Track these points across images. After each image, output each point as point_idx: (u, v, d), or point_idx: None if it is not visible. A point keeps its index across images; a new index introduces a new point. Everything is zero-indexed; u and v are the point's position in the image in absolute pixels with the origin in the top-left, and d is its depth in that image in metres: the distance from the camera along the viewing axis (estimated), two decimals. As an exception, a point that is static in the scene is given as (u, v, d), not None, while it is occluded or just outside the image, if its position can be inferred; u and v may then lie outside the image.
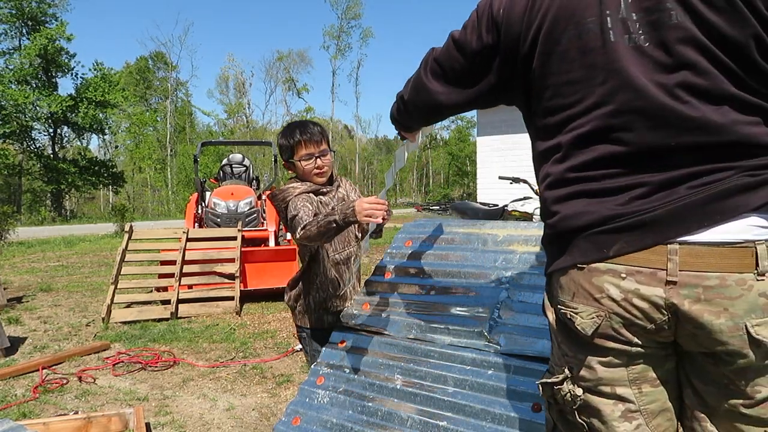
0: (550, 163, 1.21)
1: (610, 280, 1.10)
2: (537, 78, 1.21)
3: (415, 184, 62.27)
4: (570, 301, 1.16)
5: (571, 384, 1.20)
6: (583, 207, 1.13)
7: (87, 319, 5.63)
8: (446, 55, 1.37)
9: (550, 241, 1.23)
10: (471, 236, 2.27)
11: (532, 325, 1.83)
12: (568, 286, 1.17)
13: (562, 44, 1.14)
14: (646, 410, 1.16)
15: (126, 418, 3.04)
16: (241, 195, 7.59)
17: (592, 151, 1.13)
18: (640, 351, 1.14)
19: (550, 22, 1.15)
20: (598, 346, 1.14)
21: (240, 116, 51.89)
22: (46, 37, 31.15)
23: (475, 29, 1.29)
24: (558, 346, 1.24)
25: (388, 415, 1.87)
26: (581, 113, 1.14)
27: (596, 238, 1.11)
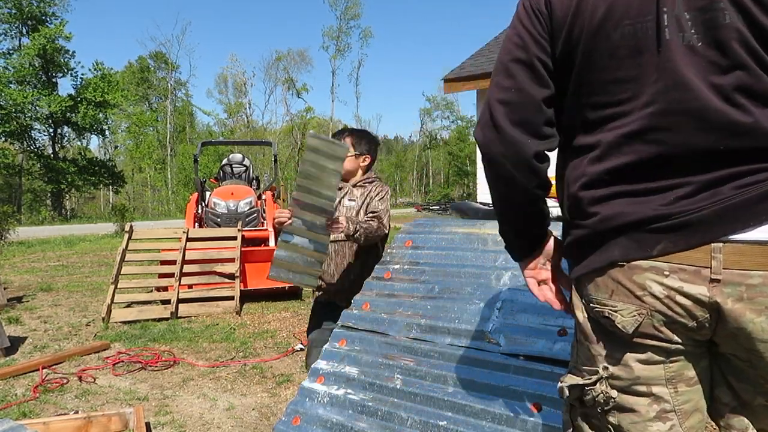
0: (587, 162, 1.17)
1: (652, 278, 1.10)
2: (576, 73, 1.16)
3: (415, 184, 62.27)
4: (608, 299, 1.14)
5: (604, 384, 1.18)
6: (625, 207, 1.12)
7: (87, 319, 5.63)
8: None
9: (583, 241, 1.20)
10: (471, 236, 2.27)
11: (532, 325, 1.83)
12: (605, 285, 1.15)
13: (612, 40, 1.10)
14: (681, 410, 1.16)
15: (126, 418, 3.05)
16: (241, 195, 7.59)
17: (636, 152, 1.11)
18: (679, 348, 1.13)
19: (601, 16, 1.11)
20: (637, 344, 1.13)
21: (240, 116, 51.91)
22: (45, 37, 31.15)
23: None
24: (588, 346, 1.22)
25: (388, 415, 1.87)
26: (627, 112, 1.11)
27: (639, 237, 1.11)
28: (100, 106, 34.19)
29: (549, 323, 1.81)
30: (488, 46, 9.59)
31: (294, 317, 5.64)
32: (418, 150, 61.75)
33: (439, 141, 57.89)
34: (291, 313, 5.81)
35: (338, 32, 50.06)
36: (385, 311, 2.19)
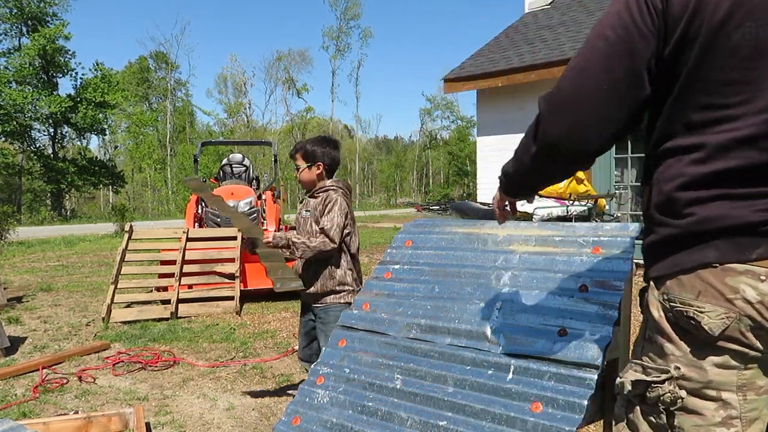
0: (687, 163, 1.15)
1: (747, 282, 1.09)
2: (687, 71, 1.12)
3: (415, 184, 62.25)
4: (693, 300, 1.13)
5: (673, 384, 1.17)
6: (728, 210, 1.11)
7: (87, 319, 5.63)
8: None
9: (672, 241, 1.18)
10: (471, 236, 2.27)
11: (532, 325, 1.83)
12: (692, 285, 1.14)
13: (732, 40, 1.06)
14: (746, 418, 1.16)
15: (126, 418, 3.05)
16: (241, 195, 7.59)
17: (746, 157, 1.08)
18: (756, 356, 1.13)
19: (723, 14, 1.06)
20: (718, 347, 1.13)
21: (240, 116, 51.91)
22: (45, 37, 31.14)
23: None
24: (661, 344, 1.21)
25: (388, 415, 1.87)
26: (739, 116, 1.08)
27: (738, 240, 1.10)
28: (100, 107, 34.19)
29: (549, 323, 1.81)
30: (488, 46, 9.60)
31: (294, 317, 5.64)
32: (418, 150, 61.75)
33: (439, 141, 57.87)
34: (291, 313, 5.81)
35: (338, 32, 50.07)
36: (385, 311, 2.19)
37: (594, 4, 9.38)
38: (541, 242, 2.07)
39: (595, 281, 1.84)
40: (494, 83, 8.41)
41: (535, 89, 8.32)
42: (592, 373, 1.63)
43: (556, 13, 9.83)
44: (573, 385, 1.64)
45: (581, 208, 4.74)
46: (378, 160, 65.43)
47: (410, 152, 63.93)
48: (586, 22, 8.68)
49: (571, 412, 1.58)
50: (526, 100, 8.47)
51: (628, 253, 1.86)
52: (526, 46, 8.73)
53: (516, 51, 8.73)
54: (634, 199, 7.73)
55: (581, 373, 1.64)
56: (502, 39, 9.66)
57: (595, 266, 1.88)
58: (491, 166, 8.87)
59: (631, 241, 1.89)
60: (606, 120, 1.19)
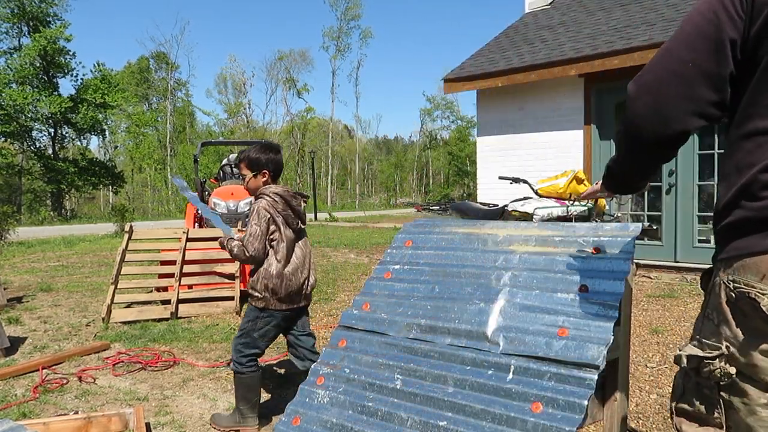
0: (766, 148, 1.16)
1: None
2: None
3: (415, 184, 62.25)
4: (758, 282, 1.16)
5: (724, 362, 1.23)
6: None
7: (87, 319, 5.63)
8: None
9: (745, 223, 1.20)
10: (471, 236, 2.27)
11: (532, 325, 1.83)
12: (757, 268, 1.16)
13: None
14: None
15: (126, 418, 3.04)
16: (241, 195, 7.58)
17: None
18: None
19: None
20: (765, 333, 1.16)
21: (240, 116, 51.90)
22: (46, 38, 31.14)
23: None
24: (717, 323, 1.26)
25: (388, 415, 1.87)
26: None
27: None
28: (100, 107, 34.20)
29: (549, 323, 1.81)
30: (488, 46, 9.60)
31: (294, 317, 5.64)
32: (418, 150, 61.74)
33: (439, 141, 57.86)
34: (291, 313, 5.81)
35: (338, 32, 50.07)
36: (385, 311, 2.19)
37: (594, 4, 9.38)
38: (541, 242, 2.07)
39: (595, 281, 1.84)
40: (494, 83, 8.41)
41: (535, 89, 8.33)
42: (592, 373, 1.63)
43: (556, 13, 9.83)
44: (573, 385, 1.64)
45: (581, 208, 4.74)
46: (378, 160, 65.42)
47: (410, 152, 63.92)
48: (586, 22, 8.68)
49: (571, 412, 1.58)
50: (526, 100, 8.47)
51: (628, 253, 1.86)
52: (526, 46, 8.73)
53: (516, 51, 8.73)
54: (634, 199, 7.73)
55: (581, 373, 1.64)
56: (502, 39, 9.66)
57: (595, 266, 1.88)
58: (491, 166, 8.87)
59: (631, 241, 1.89)
60: (688, 98, 1.20)
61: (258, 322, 3.09)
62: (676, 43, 1.23)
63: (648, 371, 3.78)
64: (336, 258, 10.09)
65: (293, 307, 3.17)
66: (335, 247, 11.88)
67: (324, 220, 23.14)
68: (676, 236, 7.11)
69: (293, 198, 3.14)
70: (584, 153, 7.86)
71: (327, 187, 52.81)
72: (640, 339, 4.47)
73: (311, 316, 5.65)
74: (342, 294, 6.75)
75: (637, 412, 3.14)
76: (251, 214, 3.03)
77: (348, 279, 7.78)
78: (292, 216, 3.11)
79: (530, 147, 8.47)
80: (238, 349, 3.09)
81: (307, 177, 48.17)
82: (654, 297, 5.93)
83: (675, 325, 4.82)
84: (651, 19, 7.67)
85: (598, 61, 7.29)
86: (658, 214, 7.32)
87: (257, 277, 3.07)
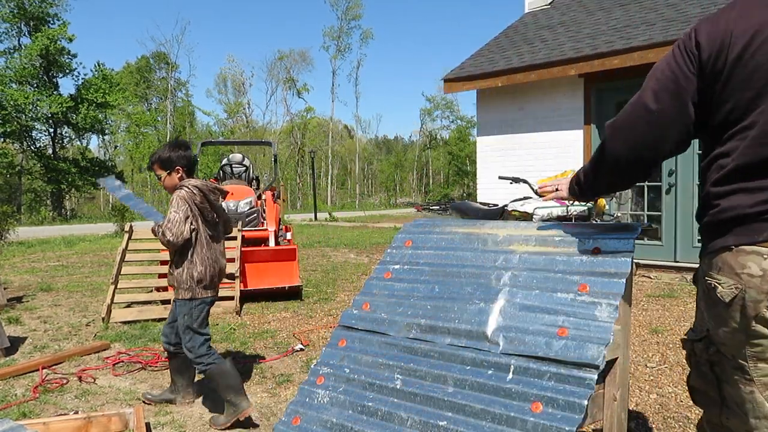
0: (719, 165, 1.44)
1: (753, 260, 1.37)
2: (718, 95, 1.41)
3: (415, 184, 62.26)
4: (716, 273, 1.43)
5: (707, 342, 1.51)
6: (740, 201, 1.39)
7: (87, 319, 5.63)
8: None
9: (708, 228, 1.49)
10: (471, 236, 2.27)
11: (532, 325, 1.83)
12: (717, 263, 1.44)
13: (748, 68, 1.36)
14: (761, 381, 1.42)
15: (126, 418, 3.05)
16: (241, 195, 7.58)
17: (753, 154, 1.36)
18: (762, 332, 1.38)
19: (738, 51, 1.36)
20: (730, 315, 1.41)
21: (240, 116, 51.91)
22: (47, 38, 31.13)
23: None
24: (702, 310, 1.54)
25: (388, 415, 1.87)
26: (754, 123, 1.36)
27: (750, 227, 1.37)
28: (101, 107, 34.19)
29: (549, 323, 1.81)
30: (488, 46, 9.60)
31: (294, 317, 5.64)
32: (418, 150, 61.74)
33: (439, 141, 57.87)
34: (291, 313, 5.81)
35: (339, 32, 50.08)
36: (385, 311, 2.19)
37: (594, 4, 9.38)
38: (541, 242, 2.07)
39: (595, 281, 1.84)
40: (494, 83, 8.41)
41: (535, 89, 8.33)
42: (592, 373, 1.63)
43: (556, 13, 9.83)
44: (573, 385, 1.64)
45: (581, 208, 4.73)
46: (378, 160, 65.43)
47: (410, 152, 63.93)
48: (586, 22, 8.68)
49: (571, 412, 1.59)
50: (526, 100, 8.47)
51: (628, 254, 1.86)
52: (525, 46, 8.73)
53: (516, 51, 8.73)
54: (634, 199, 7.73)
55: (581, 373, 1.65)
56: (501, 39, 9.66)
57: (595, 266, 1.88)
58: (491, 166, 8.87)
59: (631, 241, 1.89)
60: (657, 139, 1.50)
61: (193, 313, 3.22)
62: (642, 96, 1.51)
63: (648, 371, 3.79)
64: (336, 258, 10.10)
65: (215, 293, 3.34)
66: (335, 247, 11.88)
67: (324, 220, 23.14)
68: (675, 236, 7.12)
69: (211, 192, 3.28)
70: (584, 153, 7.86)
71: (327, 187, 52.81)
72: (640, 339, 4.47)
73: (311, 316, 5.65)
74: (342, 294, 6.75)
75: (637, 412, 3.14)
76: (170, 204, 3.16)
77: (348, 279, 7.78)
78: (208, 209, 3.26)
79: (530, 147, 8.47)
80: (189, 347, 3.20)
81: (307, 177, 48.18)
82: (654, 297, 5.93)
83: (675, 325, 4.82)
84: (651, 19, 7.67)
85: (598, 61, 7.29)
86: (658, 214, 7.32)
87: (181, 270, 3.19)
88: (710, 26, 1.43)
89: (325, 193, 51.29)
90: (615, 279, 1.81)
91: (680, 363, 3.87)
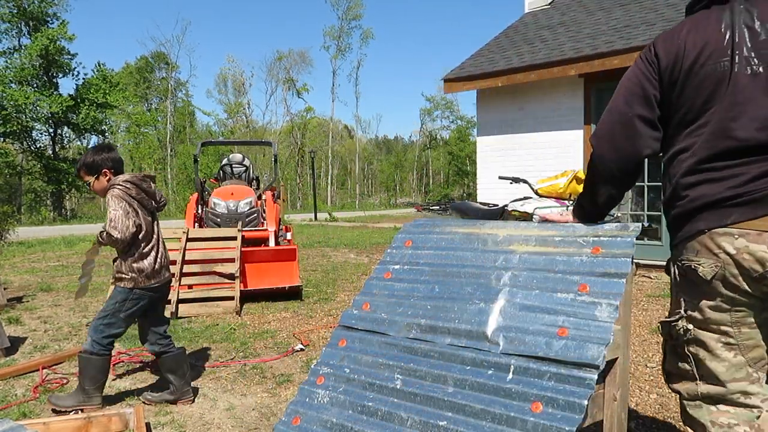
0: (682, 160, 1.63)
1: (726, 240, 1.54)
2: (676, 98, 1.64)
3: (415, 184, 62.27)
4: (694, 256, 1.60)
5: (684, 321, 1.66)
6: (707, 190, 1.57)
7: (87, 319, 5.63)
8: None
9: (678, 217, 1.66)
10: (471, 236, 2.27)
11: (532, 325, 1.83)
12: (693, 247, 1.61)
13: (700, 76, 1.58)
14: (744, 344, 1.60)
15: (126, 418, 3.05)
16: (241, 195, 7.58)
17: (714, 147, 1.55)
18: (743, 300, 1.56)
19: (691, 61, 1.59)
20: (713, 290, 1.58)
21: (240, 116, 51.91)
22: (47, 38, 31.12)
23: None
24: (676, 293, 1.70)
25: (388, 415, 1.87)
26: (710, 121, 1.57)
27: (718, 212, 1.55)
28: (101, 107, 34.17)
29: (549, 323, 1.81)
30: (488, 46, 9.60)
31: (294, 317, 5.64)
32: (418, 150, 61.74)
33: (439, 141, 57.87)
34: (291, 313, 5.81)
35: (339, 32, 50.09)
36: (385, 311, 2.19)
37: (594, 4, 9.38)
38: (541, 242, 2.07)
39: (595, 281, 1.84)
40: (494, 83, 8.41)
41: (535, 89, 8.33)
42: (592, 373, 1.63)
43: (556, 13, 9.83)
44: (573, 385, 1.64)
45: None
46: (378, 160, 65.43)
47: (410, 152, 63.94)
48: (586, 22, 8.68)
49: (571, 412, 1.59)
50: (526, 100, 8.47)
51: (628, 253, 1.86)
52: (526, 46, 8.73)
53: (516, 51, 8.73)
54: (634, 199, 7.73)
55: (581, 373, 1.65)
56: (501, 39, 9.66)
57: (595, 266, 1.88)
58: (491, 166, 8.87)
59: (631, 240, 1.89)
60: (636, 136, 1.69)
61: (126, 303, 3.23)
62: (615, 102, 1.73)
63: (648, 371, 3.79)
64: (336, 258, 10.10)
65: (161, 280, 3.37)
66: (335, 247, 11.88)
67: (324, 220, 23.14)
68: (676, 236, 7.11)
69: (143, 181, 3.31)
70: (584, 153, 7.86)
71: (327, 187, 52.81)
72: (640, 339, 4.47)
73: (311, 316, 5.65)
74: (342, 294, 6.75)
75: (637, 412, 3.14)
76: (107, 205, 3.17)
77: (348, 279, 7.78)
78: (146, 198, 3.30)
79: (530, 147, 8.47)
80: (100, 329, 3.20)
81: (307, 177, 48.17)
82: (654, 297, 5.93)
83: (675, 325, 4.82)
84: (651, 19, 7.67)
85: (598, 61, 7.29)
86: (658, 214, 7.32)
87: (123, 261, 3.23)
88: (666, 40, 1.67)
89: (325, 193, 51.29)
90: (615, 279, 1.81)
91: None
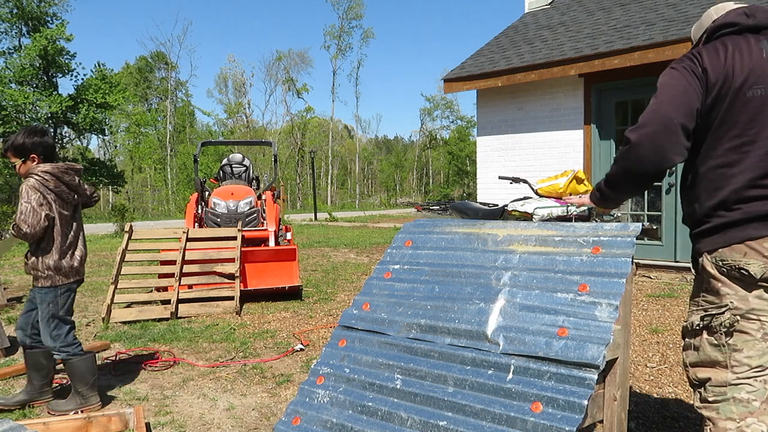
0: (728, 176, 1.79)
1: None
2: (721, 115, 1.78)
3: (415, 184, 62.27)
4: (742, 257, 1.76)
5: (730, 313, 1.78)
6: (761, 206, 1.76)
7: (87, 319, 5.63)
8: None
9: (726, 225, 1.80)
10: (471, 236, 2.27)
11: (532, 325, 1.83)
12: (740, 250, 1.77)
13: (747, 96, 1.75)
14: None
15: (126, 418, 3.05)
16: (241, 195, 7.58)
17: (762, 168, 1.75)
18: None
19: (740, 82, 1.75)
20: (759, 285, 1.76)
21: (240, 116, 51.92)
22: (46, 38, 31.13)
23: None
24: (717, 290, 1.82)
25: (388, 415, 1.87)
26: (755, 140, 1.76)
27: (765, 223, 1.75)
28: (101, 107, 34.17)
29: (549, 323, 1.81)
30: (488, 46, 9.60)
31: (294, 317, 5.64)
32: (418, 150, 61.75)
33: (439, 141, 57.87)
34: (291, 313, 5.81)
35: (340, 32, 50.09)
36: (385, 311, 2.19)
37: (594, 4, 9.38)
38: (541, 242, 2.07)
39: (595, 281, 1.84)
40: (494, 83, 8.41)
41: (535, 89, 8.33)
42: (592, 373, 1.63)
43: (556, 13, 9.83)
44: (573, 385, 1.64)
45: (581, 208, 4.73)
46: (378, 160, 65.44)
47: (410, 152, 63.94)
48: (586, 22, 8.68)
49: (571, 412, 1.59)
50: (526, 100, 8.47)
51: (628, 253, 1.86)
52: (526, 46, 8.73)
53: (516, 51, 8.73)
54: (634, 199, 7.73)
55: (581, 373, 1.65)
56: (501, 39, 9.66)
57: (595, 266, 1.88)
58: (491, 166, 8.87)
59: (631, 241, 1.89)
60: (677, 144, 1.79)
61: (58, 300, 3.17)
62: (664, 105, 1.80)
63: (648, 371, 3.78)
64: (336, 258, 10.10)
65: (78, 279, 3.28)
66: (335, 247, 11.88)
67: (324, 220, 23.14)
68: (676, 236, 7.12)
69: (65, 173, 3.18)
70: (584, 153, 7.86)
71: (327, 187, 52.81)
72: (640, 339, 4.47)
73: (311, 316, 5.65)
74: (342, 294, 6.75)
75: (637, 412, 3.14)
76: (20, 194, 3.07)
77: (348, 279, 7.78)
78: (66, 191, 3.17)
79: (530, 147, 8.47)
80: (54, 337, 3.18)
81: (307, 177, 48.18)
82: (654, 297, 5.93)
83: (675, 324, 4.82)
84: (651, 19, 7.67)
85: (598, 61, 7.29)
86: (658, 214, 7.32)
87: (36, 259, 3.13)
88: (712, 58, 1.80)
89: (325, 193, 51.29)
90: (615, 279, 1.81)
91: (680, 363, 3.87)
